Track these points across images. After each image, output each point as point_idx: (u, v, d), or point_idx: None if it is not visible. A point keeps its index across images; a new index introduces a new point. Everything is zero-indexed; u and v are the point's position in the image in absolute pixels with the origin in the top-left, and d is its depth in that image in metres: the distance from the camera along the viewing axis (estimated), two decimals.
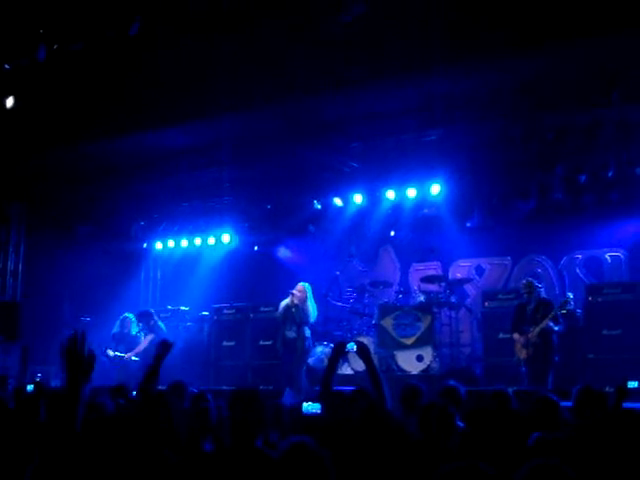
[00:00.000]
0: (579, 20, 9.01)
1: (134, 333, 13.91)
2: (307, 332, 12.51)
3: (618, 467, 3.96)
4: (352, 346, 6.14)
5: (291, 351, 12.46)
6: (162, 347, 5.70)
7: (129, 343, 13.76)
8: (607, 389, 6.25)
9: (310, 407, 5.01)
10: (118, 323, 14.07)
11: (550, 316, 11.18)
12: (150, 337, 13.94)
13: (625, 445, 3.98)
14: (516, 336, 11.43)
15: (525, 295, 11.60)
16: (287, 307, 12.59)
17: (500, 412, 4.62)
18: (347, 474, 3.86)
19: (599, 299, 11.64)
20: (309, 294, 12.63)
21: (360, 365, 10.92)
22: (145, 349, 13.86)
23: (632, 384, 6.46)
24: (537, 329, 11.16)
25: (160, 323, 14.35)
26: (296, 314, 12.49)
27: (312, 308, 12.58)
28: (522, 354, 11.32)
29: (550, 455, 4.42)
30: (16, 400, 6.76)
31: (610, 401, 5.94)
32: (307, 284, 12.74)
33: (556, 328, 11.18)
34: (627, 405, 6.23)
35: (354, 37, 10.07)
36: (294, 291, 12.59)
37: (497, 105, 11.19)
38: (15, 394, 7.63)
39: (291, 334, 12.49)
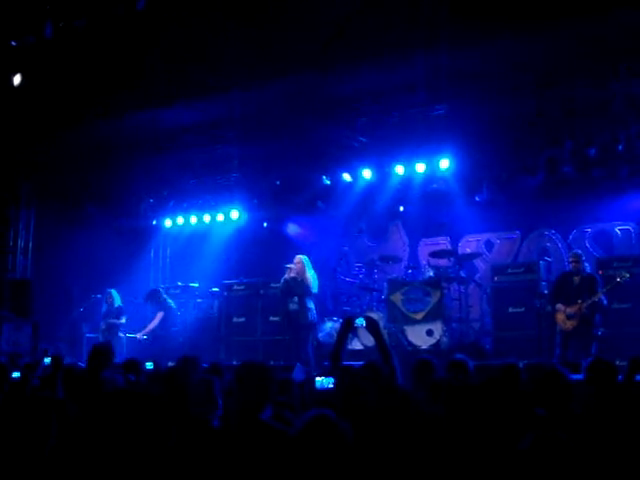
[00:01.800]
0: None
1: (117, 305, 14.12)
2: (310, 303, 12.48)
3: (628, 440, 3.98)
4: (361, 321, 6.15)
5: (295, 324, 12.48)
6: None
7: (116, 315, 14.00)
8: (617, 363, 6.23)
9: (324, 382, 5.03)
10: (104, 301, 14.35)
11: (606, 289, 11.16)
12: (160, 315, 14.05)
13: (635, 418, 4.00)
14: (560, 306, 11.33)
15: (572, 265, 11.52)
16: (286, 281, 12.59)
17: (509, 386, 4.63)
18: (363, 448, 3.89)
19: (609, 272, 11.60)
20: (307, 265, 12.60)
21: (370, 340, 10.95)
22: (155, 327, 13.97)
23: None
24: (589, 301, 11.11)
25: (169, 300, 14.43)
26: (295, 286, 12.48)
27: (312, 279, 12.53)
28: (566, 325, 11.23)
29: (559, 428, 4.44)
30: (28, 376, 6.81)
31: (622, 374, 5.95)
32: (304, 256, 12.72)
33: (605, 302, 11.19)
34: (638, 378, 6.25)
35: (361, 13, 10.02)
36: (291, 265, 12.60)
37: (505, 80, 11.16)
38: (26, 370, 7.69)
39: (293, 306, 12.49)
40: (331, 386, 5.01)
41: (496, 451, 3.69)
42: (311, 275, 12.56)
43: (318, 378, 5.02)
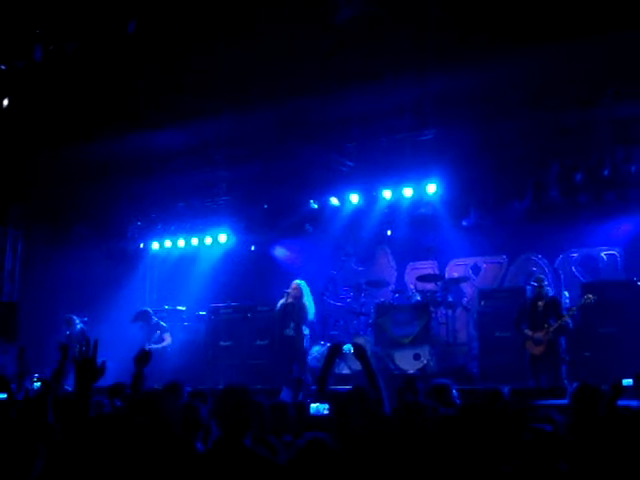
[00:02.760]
0: (573, 20, 9.06)
1: (77, 333, 13.98)
2: (306, 330, 12.57)
3: (611, 465, 4.00)
4: (349, 348, 6.14)
5: (290, 349, 12.49)
6: (141, 356, 5.78)
7: (78, 340, 13.90)
8: (603, 387, 6.26)
9: (319, 408, 5.02)
10: (65, 325, 14.26)
11: (570, 313, 11.28)
12: (168, 334, 14.02)
13: (619, 443, 4.02)
14: (529, 332, 11.41)
15: (536, 290, 11.61)
16: (284, 306, 12.63)
17: (488, 413, 4.65)
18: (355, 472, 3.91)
19: (592, 300, 11.66)
20: (305, 291, 12.68)
21: (357, 364, 10.94)
22: (168, 344, 13.92)
23: (627, 382, 6.49)
24: (555, 325, 11.18)
25: (161, 322, 14.38)
26: (293, 312, 12.52)
27: (309, 305, 12.62)
28: (536, 350, 11.31)
29: (544, 454, 4.45)
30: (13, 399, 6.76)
31: (605, 399, 5.97)
32: (302, 281, 12.79)
33: (571, 325, 11.26)
34: (622, 403, 6.27)
35: (350, 38, 10.10)
36: (289, 290, 12.64)
37: (492, 104, 11.23)
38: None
39: (289, 332, 12.52)
40: (326, 412, 5.01)
41: (480, 475, 3.71)
42: (308, 301, 12.62)
43: (313, 404, 5.02)
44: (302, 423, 5.99)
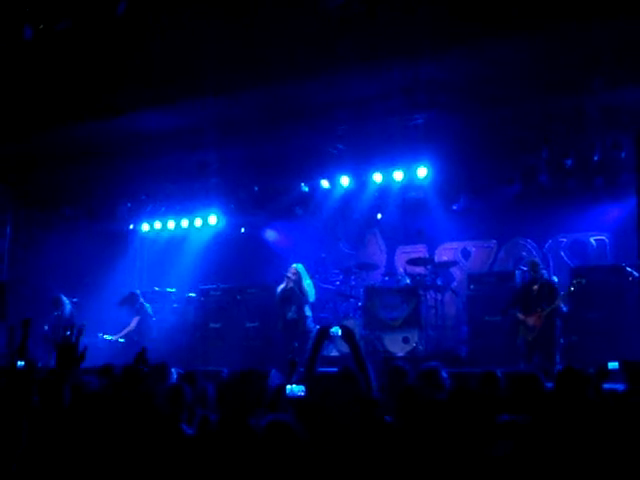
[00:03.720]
0: (562, 6, 9.05)
1: (67, 315, 13.98)
2: (308, 311, 12.81)
3: (597, 447, 4.03)
4: (337, 330, 6.15)
5: (292, 332, 12.60)
6: (138, 359, 5.84)
7: (67, 324, 13.88)
8: (589, 371, 6.31)
9: (294, 389, 5.02)
10: (53, 306, 14.23)
11: (562, 297, 11.29)
12: (136, 319, 14.01)
13: (604, 426, 4.05)
14: (521, 316, 11.46)
15: (530, 274, 11.66)
16: (284, 290, 12.75)
17: (488, 394, 4.69)
18: (326, 455, 3.91)
19: (583, 282, 11.72)
20: (304, 274, 12.85)
21: (346, 347, 10.97)
22: (132, 331, 13.93)
23: (613, 365, 6.54)
24: (548, 310, 11.23)
25: (146, 305, 14.39)
26: (294, 296, 12.65)
27: (309, 287, 12.83)
28: (529, 335, 11.36)
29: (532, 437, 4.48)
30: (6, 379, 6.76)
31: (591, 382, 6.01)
32: (300, 265, 12.89)
33: (565, 309, 11.28)
34: (608, 386, 6.32)
35: (341, 20, 10.06)
36: (288, 274, 12.73)
37: (482, 89, 11.21)
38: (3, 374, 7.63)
39: (292, 315, 12.66)
40: (301, 394, 5.01)
41: (467, 458, 3.74)
42: (308, 284, 12.76)
43: (288, 385, 5.02)
44: (277, 404, 6.00)
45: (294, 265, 12.93)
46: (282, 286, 12.80)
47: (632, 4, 8.88)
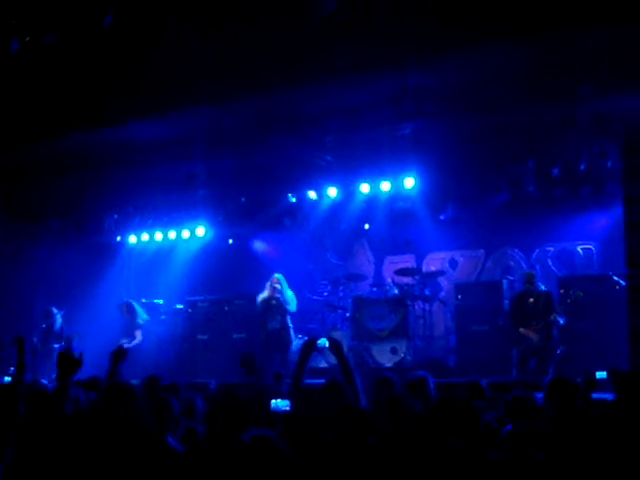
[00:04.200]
0: (550, 14, 9.09)
1: (57, 328, 13.88)
2: (290, 322, 12.83)
3: (586, 457, 4.03)
4: (324, 342, 6.14)
5: (275, 342, 12.57)
6: (117, 353, 5.84)
7: (55, 337, 13.80)
8: (578, 380, 6.32)
9: (279, 403, 5.00)
10: (43, 317, 14.14)
11: (559, 310, 11.30)
12: (139, 332, 14.02)
13: (592, 436, 4.05)
14: (523, 330, 11.42)
15: (526, 286, 11.63)
16: (266, 300, 12.71)
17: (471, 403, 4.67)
18: (311, 470, 3.89)
19: (570, 291, 11.73)
20: (285, 284, 12.80)
21: (334, 358, 10.95)
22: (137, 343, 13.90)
23: (600, 374, 6.55)
24: (542, 323, 11.20)
25: (139, 319, 14.31)
26: (277, 305, 12.62)
27: (291, 296, 12.78)
28: (524, 347, 11.33)
29: (523, 446, 4.48)
30: None
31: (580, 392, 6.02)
32: (280, 275, 12.86)
33: (561, 321, 11.27)
34: (597, 396, 6.33)
35: (328, 32, 10.09)
36: (272, 283, 12.71)
37: (469, 99, 11.24)
38: None
39: (275, 325, 12.66)
40: (287, 408, 4.99)
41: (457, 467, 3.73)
42: (289, 294, 12.75)
43: (273, 400, 4.99)
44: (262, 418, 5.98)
45: (276, 275, 12.93)
46: (264, 295, 12.77)
47: (621, 12, 8.92)
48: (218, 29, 10.58)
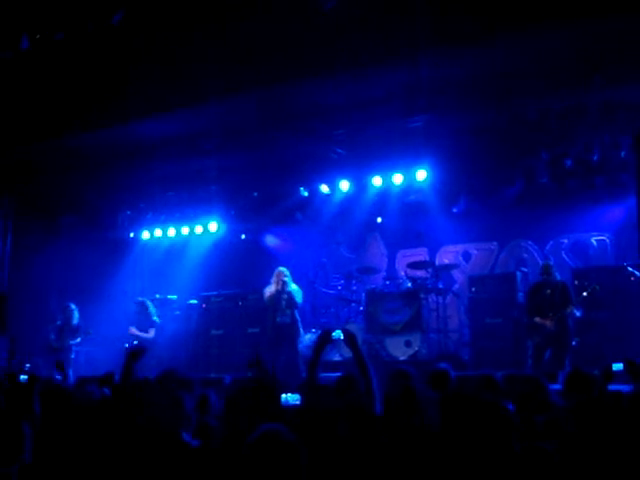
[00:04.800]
0: (561, 4, 9.03)
1: (75, 322, 13.88)
2: (297, 315, 12.71)
3: (604, 449, 4.01)
4: (339, 334, 6.11)
5: (284, 336, 12.53)
6: (134, 351, 5.86)
7: (72, 332, 13.79)
8: (595, 372, 6.29)
9: (289, 398, 4.98)
10: (60, 313, 14.13)
11: (575, 302, 11.20)
12: (153, 330, 14.04)
13: (609, 427, 4.03)
14: (538, 320, 11.35)
15: (543, 277, 11.54)
16: (273, 294, 12.66)
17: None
18: (322, 466, 3.88)
19: (585, 283, 11.68)
20: (289, 277, 12.76)
21: (349, 351, 10.93)
22: (145, 339, 13.91)
23: (617, 366, 6.51)
24: (559, 315, 11.12)
25: (154, 317, 14.32)
26: (284, 299, 12.57)
27: (297, 290, 12.71)
28: (540, 338, 11.24)
29: (539, 440, 4.46)
30: (6, 391, 6.75)
31: (597, 384, 5.99)
32: (284, 268, 12.83)
33: (578, 313, 11.20)
34: (614, 387, 6.29)
35: (339, 23, 10.06)
36: (281, 277, 12.67)
37: (481, 91, 11.19)
38: (4, 385, 7.61)
39: (285, 319, 12.57)
40: (297, 403, 4.96)
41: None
42: (295, 286, 12.70)
43: (284, 394, 4.97)
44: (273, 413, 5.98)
45: (282, 269, 12.87)
46: (272, 289, 12.71)
47: (633, 1, 8.86)
48: (226, 24, 10.57)
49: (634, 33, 9.41)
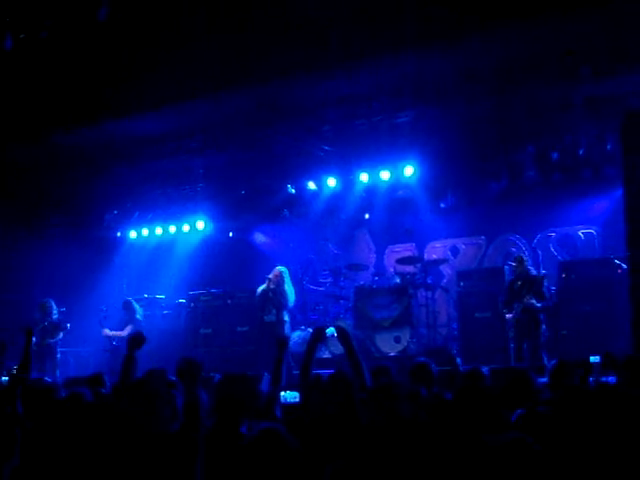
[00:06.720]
0: None
1: (55, 318, 13.71)
2: (286, 316, 12.54)
3: (593, 440, 4.01)
4: (332, 331, 6.11)
5: (270, 336, 12.47)
6: (134, 338, 5.78)
7: (53, 329, 13.56)
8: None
9: (289, 395, 4.98)
10: (37, 309, 13.83)
11: (531, 292, 11.15)
12: (129, 327, 13.92)
13: (596, 419, 4.03)
14: (508, 315, 11.39)
15: (516, 269, 11.53)
16: (264, 291, 12.62)
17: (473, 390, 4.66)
18: (320, 464, 3.87)
19: (572, 276, 11.72)
20: (287, 278, 12.69)
21: (338, 348, 10.94)
22: (120, 337, 13.82)
23: (594, 359, 6.51)
24: (521, 306, 11.12)
25: (138, 315, 14.23)
26: (274, 298, 12.52)
27: (290, 292, 12.63)
28: (512, 331, 11.27)
29: (530, 430, 4.46)
30: None
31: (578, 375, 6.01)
32: (284, 268, 12.79)
33: (538, 305, 11.15)
34: (603, 379, 6.31)
35: (325, 19, 10.04)
36: (270, 275, 12.63)
37: (467, 86, 11.20)
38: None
39: (270, 318, 12.52)
40: (296, 400, 4.98)
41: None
42: (288, 288, 12.62)
43: (283, 392, 4.98)
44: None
45: (278, 267, 12.82)
46: (263, 287, 12.67)
47: None
48: (213, 20, 10.53)
49: (619, 25, 9.44)
